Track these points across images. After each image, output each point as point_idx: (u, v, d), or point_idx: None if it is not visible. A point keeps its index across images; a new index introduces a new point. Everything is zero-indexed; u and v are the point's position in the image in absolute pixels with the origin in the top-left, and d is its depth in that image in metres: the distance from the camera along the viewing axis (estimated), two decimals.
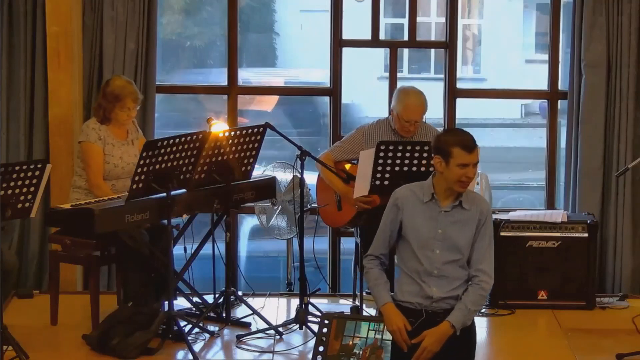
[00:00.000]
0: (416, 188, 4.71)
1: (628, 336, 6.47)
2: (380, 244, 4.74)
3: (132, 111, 6.57)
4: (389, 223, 4.70)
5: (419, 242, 4.62)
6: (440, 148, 4.61)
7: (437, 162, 4.61)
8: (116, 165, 6.54)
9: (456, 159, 4.57)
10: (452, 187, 4.61)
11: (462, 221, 4.65)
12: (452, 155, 4.57)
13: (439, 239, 4.62)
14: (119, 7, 7.32)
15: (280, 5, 14.64)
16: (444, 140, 4.62)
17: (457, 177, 4.58)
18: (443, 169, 4.59)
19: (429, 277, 4.61)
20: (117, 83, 6.55)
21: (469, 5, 14.79)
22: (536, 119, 14.49)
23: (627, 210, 7.46)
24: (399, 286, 4.70)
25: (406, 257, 4.67)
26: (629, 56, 7.41)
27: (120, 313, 6.26)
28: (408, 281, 4.65)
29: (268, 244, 9.30)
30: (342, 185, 6.65)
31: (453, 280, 4.63)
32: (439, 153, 4.60)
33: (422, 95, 6.62)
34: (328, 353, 5.61)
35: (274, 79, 13.53)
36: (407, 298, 4.65)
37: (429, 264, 4.61)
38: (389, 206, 4.72)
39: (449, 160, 4.57)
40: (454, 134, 4.68)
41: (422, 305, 4.62)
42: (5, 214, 5.76)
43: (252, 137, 6.49)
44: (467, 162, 4.58)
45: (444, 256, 4.61)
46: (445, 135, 4.70)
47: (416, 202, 4.66)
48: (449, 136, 4.65)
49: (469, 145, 4.60)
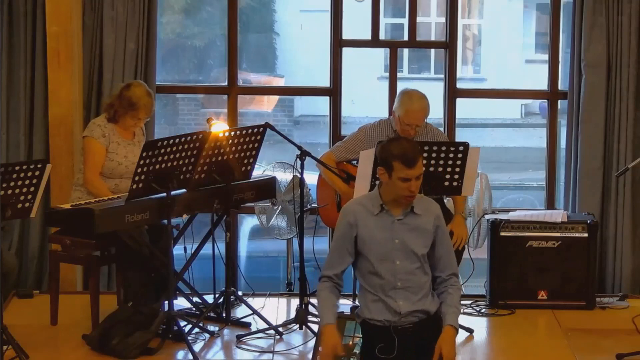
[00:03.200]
0: (365, 200, 4.57)
1: (628, 336, 6.47)
2: (335, 263, 4.58)
3: (141, 121, 6.58)
4: (343, 241, 4.54)
5: (377, 255, 4.50)
6: (382, 159, 4.47)
7: (381, 173, 4.48)
8: (120, 163, 6.54)
9: (397, 172, 4.43)
10: (397, 197, 4.49)
11: (418, 227, 4.54)
12: (394, 169, 4.43)
13: (398, 249, 4.50)
14: (119, 7, 7.32)
15: (280, 5, 14.65)
16: (386, 151, 4.46)
17: (400, 190, 4.45)
18: (386, 180, 4.47)
19: (393, 290, 4.51)
20: (137, 92, 6.50)
21: (469, 5, 14.80)
22: (536, 119, 14.51)
23: (627, 210, 7.46)
24: (364, 303, 4.58)
25: (366, 273, 4.55)
26: (629, 56, 7.41)
27: (120, 313, 6.26)
28: (372, 298, 4.54)
29: (268, 244, 9.31)
30: (343, 185, 6.66)
31: (417, 290, 4.53)
32: (382, 164, 4.47)
33: (425, 100, 6.61)
34: None
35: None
36: (374, 315, 4.54)
37: (391, 276, 4.50)
38: (339, 224, 4.55)
39: (391, 173, 4.44)
40: (396, 145, 4.49)
41: (390, 322, 4.51)
42: (5, 214, 5.76)
43: (252, 137, 6.49)
44: (409, 177, 4.43)
45: (405, 266, 4.50)
46: (387, 145, 4.50)
47: (368, 215, 4.52)
48: (391, 147, 4.47)
49: (409, 159, 4.42)
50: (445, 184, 6.24)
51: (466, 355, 6.39)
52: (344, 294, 7.33)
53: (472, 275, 7.12)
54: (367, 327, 4.58)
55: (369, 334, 4.59)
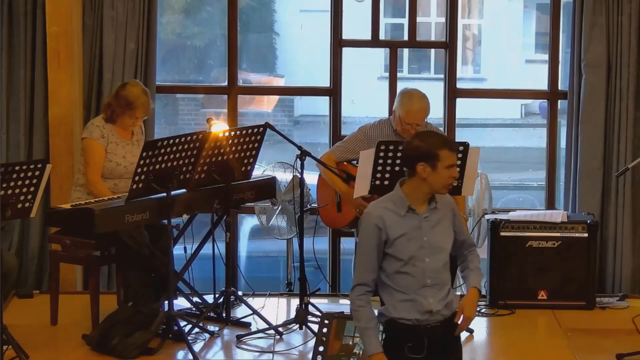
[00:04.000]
0: (387, 203, 4.53)
1: (628, 336, 6.47)
2: (369, 270, 4.52)
3: (139, 120, 6.57)
4: (374, 247, 4.48)
5: (408, 255, 4.47)
6: (424, 153, 4.42)
7: (422, 168, 4.42)
8: (118, 163, 6.54)
9: (444, 161, 4.42)
10: (436, 191, 4.48)
11: (440, 222, 4.54)
12: (440, 158, 4.41)
13: (426, 247, 4.50)
14: (119, 7, 7.32)
15: (280, 5, 14.65)
16: (428, 145, 4.43)
17: (445, 179, 4.44)
18: (428, 174, 4.43)
19: (424, 288, 4.49)
20: (134, 91, 6.50)
21: (469, 5, 14.79)
22: (536, 119, 14.51)
23: (627, 210, 7.46)
24: (391, 303, 4.53)
25: (393, 273, 4.51)
26: (629, 56, 7.41)
27: (120, 313, 6.26)
28: (401, 297, 4.50)
29: (268, 244, 9.31)
30: (343, 185, 6.66)
31: (443, 287, 4.53)
32: (424, 159, 4.42)
33: (425, 99, 6.61)
34: (328, 353, 5.61)
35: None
36: (403, 314, 4.50)
37: (421, 275, 4.48)
38: (366, 229, 4.50)
39: (436, 163, 4.41)
40: (435, 136, 4.50)
41: (419, 321, 4.49)
42: (5, 214, 5.76)
43: (252, 137, 6.49)
44: (454, 163, 4.45)
45: (434, 263, 4.50)
46: (424, 139, 4.48)
47: (395, 217, 4.49)
48: (432, 139, 4.46)
49: (452, 144, 4.48)
50: None
51: (466, 355, 6.36)
52: (344, 294, 7.36)
53: None
54: (394, 326, 4.53)
55: (396, 334, 4.54)
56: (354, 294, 4.53)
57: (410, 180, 4.50)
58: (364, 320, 4.49)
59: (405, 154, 4.52)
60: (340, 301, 7.26)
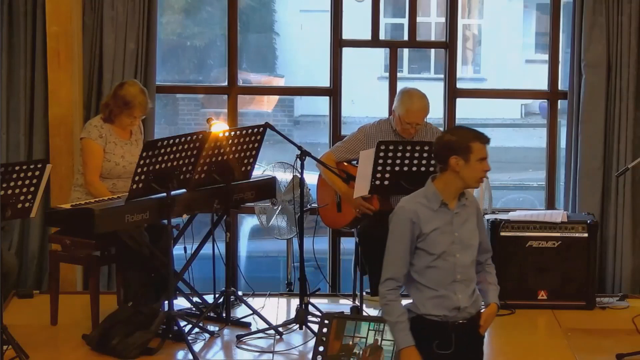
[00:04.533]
0: (419, 198, 4.53)
1: (628, 336, 6.47)
2: (402, 265, 4.51)
3: (137, 119, 6.57)
4: (408, 241, 4.48)
5: (440, 250, 4.48)
6: (456, 147, 4.44)
7: (455, 162, 4.44)
8: (117, 163, 6.54)
9: (476, 153, 4.44)
10: (468, 185, 4.50)
11: (469, 218, 4.57)
12: (472, 151, 4.44)
13: (457, 242, 4.51)
14: (119, 7, 7.32)
15: (280, 5, 14.65)
16: (460, 138, 4.46)
17: (478, 172, 4.47)
18: (461, 167, 4.45)
19: (453, 283, 4.49)
20: (131, 90, 6.50)
21: (469, 5, 14.80)
22: (536, 119, 14.51)
23: (627, 210, 7.46)
24: (420, 299, 4.52)
25: (423, 268, 4.51)
26: (629, 56, 7.41)
27: (120, 313, 6.26)
28: (430, 294, 4.50)
29: (268, 244, 9.31)
30: (343, 185, 6.65)
31: (471, 283, 4.56)
32: (456, 152, 4.44)
33: (425, 99, 6.61)
34: (328, 353, 5.61)
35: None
36: (431, 311, 4.50)
37: (451, 270, 4.49)
38: (398, 224, 4.50)
39: (469, 156, 4.44)
40: (466, 129, 4.54)
41: (447, 317, 4.50)
42: (5, 214, 5.76)
43: (252, 137, 6.49)
44: (485, 156, 4.48)
45: (463, 259, 4.51)
46: (456, 133, 4.51)
47: (428, 212, 4.49)
48: (463, 132, 4.50)
49: (484, 136, 4.50)
50: None
51: None
52: (344, 294, 7.36)
53: None
54: (422, 323, 4.52)
55: (424, 330, 4.53)
56: (384, 288, 4.51)
57: (443, 175, 4.51)
58: (395, 314, 4.47)
59: (438, 149, 4.52)
60: (340, 301, 7.27)
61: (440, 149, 4.50)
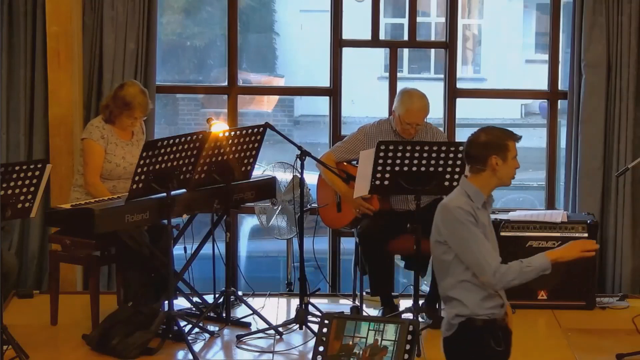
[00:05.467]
0: (464, 198, 4.53)
1: (628, 336, 6.47)
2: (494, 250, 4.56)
3: (137, 120, 6.57)
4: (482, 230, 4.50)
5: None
6: (494, 147, 4.49)
7: (495, 161, 4.48)
8: (118, 164, 6.54)
9: (512, 151, 4.51)
10: (503, 183, 4.54)
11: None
12: (509, 149, 4.50)
13: (492, 240, 4.58)
14: (119, 7, 7.32)
15: (280, 5, 14.65)
16: (496, 138, 4.51)
17: (513, 170, 4.54)
18: (500, 166, 4.49)
19: None
20: (131, 91, 6.50)
21: (469, 5, 14.79)
22: (536, 119, 14.50)
23: (627, 210, 7.46)
24: (472, 300, 4.53)
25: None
26: (629, 56, 7.40)
27: (120, 313, 6.26)
28: (481, 293, 4.53)
29: (268, 244, 9.31)
30: (343, 186, 6.66)
31: None
32: (495, 151, 4.48)
33: (425, 99, 6.61)
34: (328, 353, 5.60)
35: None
36: (482, 310, 4.53)
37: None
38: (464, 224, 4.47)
39: (506, 155, 4.49)
40: (497, 129, 4.58)
41: (494, 315, 4.54)
42: (5, 214, 5.76)
43: (252, 137, 6.49)
44: (516, 153, 4.55)
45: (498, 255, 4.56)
46: (490, 133, 4.54)
47: (477, 211, 4.51)
48: (496, 132, 4.54)
49: (517, 135, 4.57)
50: (445, 184, 6.24)
51: None
52: (344, 294, 7.36)
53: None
54: (473, 323, 4.53)
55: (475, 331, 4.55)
56: (500, 272, 4.49)
57: (479, 176, 4.54)
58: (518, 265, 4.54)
59: (475, 150, 4.53)
60: (340, 301, 7.27)
61: (478, 150, 4.52)
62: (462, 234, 4.49)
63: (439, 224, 4.55)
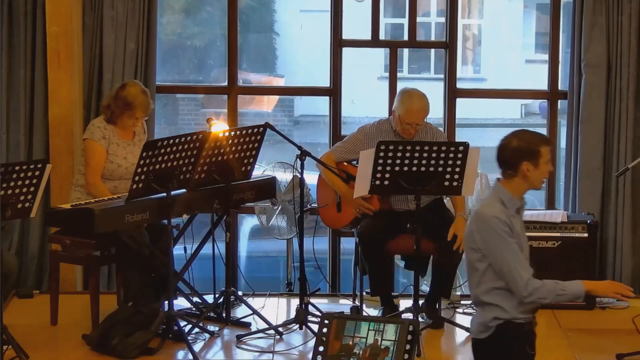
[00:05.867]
0: (498, 204, 4.52)
1: (628, 336, 6.47)
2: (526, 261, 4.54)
3: (139, 120, 6.57)
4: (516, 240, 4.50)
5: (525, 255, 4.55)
6: (526, 152, 4.47)
7: (526, 168, 4.47)
8: (119, 165, 6.54)
9: (545, 156, 4.49)
10: (534, 187, 4.53)
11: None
12: (542, 154, 4.47)
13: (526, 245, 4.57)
14: (119, 7, 7.32)
15: (280, 5, 14.66)
16: (529, 144, 4.48)
17: (544, 175, 4.51)
18: (531, 172, 4.48)
19: None
20: (132, 91, 6.50)
21: (469, 5, 14.80)
22: (536, 119, 14.51)
23: (627, 210, 7.45)
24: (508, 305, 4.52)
25: None
26: (629, 56, 7.40)
27: (120, 313, 6.26)
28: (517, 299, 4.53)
29: (268, 244, 9.31)
30: (342, 186, 6.65)
31: None
32: (527, 157, 4.47)
33: (425, 99, 6.61)
34: (328, 353, 5.60)
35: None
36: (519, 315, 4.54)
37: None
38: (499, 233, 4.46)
39: (538, 160, 4.47)
40: (530, 134, 4.54)
41: (528, 318, 4.56)
42: (5, 214, 5.76)
43: (252, 137, 6.49)
44: (550, 157, 4.52)
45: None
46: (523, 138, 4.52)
47: (511, 218, 4.51)
48: (529, 137, 4.51)
49: (550, 140, 4.55)
50: (445, 184, 6.24)
51: (466, 355, 6.38)
52: (344, 294, 7.36)
53: None
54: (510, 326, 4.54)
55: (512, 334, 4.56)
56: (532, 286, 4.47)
57: (512, 181, 4.53)
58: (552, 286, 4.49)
59: (507, 155, 4.53)
60: (340, 301, 7.27)
61: (510, 156, 4.52)
62: (497, 245, 4.48)
63: (474, 231, 4.53)
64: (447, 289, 6.74)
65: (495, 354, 4.57)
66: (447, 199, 6.86)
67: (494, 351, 4.57)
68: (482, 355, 4.63)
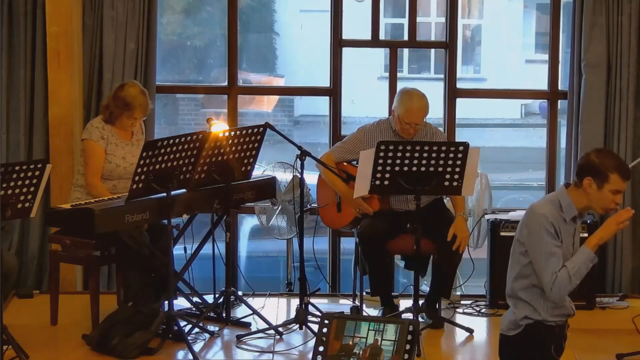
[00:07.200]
0: (554, 206, 4.56)
1: (628, 336, 6.47)
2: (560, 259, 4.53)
3: (137, 121, 6.58)
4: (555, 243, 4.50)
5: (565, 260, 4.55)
6: (595, 170, 4.48)
7: (588, 183, 4.49)
8: (118, 165, 6.54)
9: (612, 184, 4.48)
10: (593, 209, 4.56)
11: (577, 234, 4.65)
12: (609, 181, 4.48)
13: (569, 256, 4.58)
14: (119, 7, 7.32)
15: (280, 5, 14.66)
16: (602, 164, 4.48)
17: (607, 202, 4.52)
18: (593, 191, 4.50)
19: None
20: (131, 91, 6.50)
21: (469, 5, 14.80)
22: (536, 119, 14.52)
23: None
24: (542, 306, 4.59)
25: None
26: (629, 56, 7.41)
27: (120, 313, 6.26)
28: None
29: (268, 244, 9.31)
30: (342, 186, 6.65)
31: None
32: (593, 175, 4.48)
33: (425, 99, 6.61)
34: (328, 353, 5.60)
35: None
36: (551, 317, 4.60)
37: None
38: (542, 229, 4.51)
39: (603, 184, 4.48)
40: (612, 157, 4.54)
41: (559, 322, 4.61)
42: (5, 214, 5.76)
43: (252, 137, 6.49)
44: (622, 189, 4.51)
45: None
46: (601, 157, 4.52)
47: (562, 222, 4.54)
48: (608, 159, 4.51)
49: (627, 171, 4.52)
50: (445, 184, 6.24)
51: (466, 355, 6.39)
52: (344, 294, 7.36)
53: (472, 275, 7.13)
54: (540, 327, 4.60)
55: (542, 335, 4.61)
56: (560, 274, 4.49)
57: (576, 190, 4.57)
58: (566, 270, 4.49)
59: (581, 164, 4.57)
60: (340, 301, 7.27)
61: (582, 165, 4.55)
62: (538, 241, 4.53)
63: (523, 224, 4.61)
64: (447, 289, 6.74)
65: (520, 352, 4.63)
66: (447, 199, 6.86)
67: (520, 349, 4.63)
68: (508, 351, 4.69)
